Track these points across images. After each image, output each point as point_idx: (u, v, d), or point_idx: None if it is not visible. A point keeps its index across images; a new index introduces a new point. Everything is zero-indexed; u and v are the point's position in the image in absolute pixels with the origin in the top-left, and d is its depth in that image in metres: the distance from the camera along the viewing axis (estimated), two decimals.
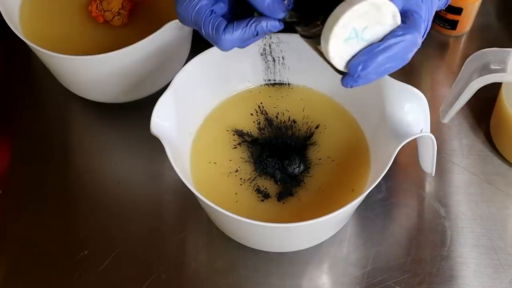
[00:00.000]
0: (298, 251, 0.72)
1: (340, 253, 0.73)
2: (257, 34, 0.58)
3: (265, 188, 0.71)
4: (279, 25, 0.57)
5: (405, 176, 0.78)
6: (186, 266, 0.73)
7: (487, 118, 0.81)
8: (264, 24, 0.57)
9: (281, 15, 0.57)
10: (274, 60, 0.75)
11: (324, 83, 0.76)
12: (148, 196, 0.77)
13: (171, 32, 0.74)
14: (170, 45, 0.77)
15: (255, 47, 0.73)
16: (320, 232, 0.71)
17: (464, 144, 0.80)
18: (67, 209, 0.77)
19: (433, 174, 0.73)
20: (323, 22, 0.52)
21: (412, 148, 0.75)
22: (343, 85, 0.55)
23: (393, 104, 0.66)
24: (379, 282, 0.71)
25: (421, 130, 0.65)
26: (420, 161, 0.73)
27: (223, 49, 0.59)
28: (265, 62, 0.75)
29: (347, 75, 0.54)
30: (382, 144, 0.68)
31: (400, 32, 0.52)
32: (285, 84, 0.77)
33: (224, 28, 0.58)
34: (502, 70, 0.69)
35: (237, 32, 0.57)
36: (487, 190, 0.77)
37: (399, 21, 0.53)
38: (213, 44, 0.60)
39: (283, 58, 0.74)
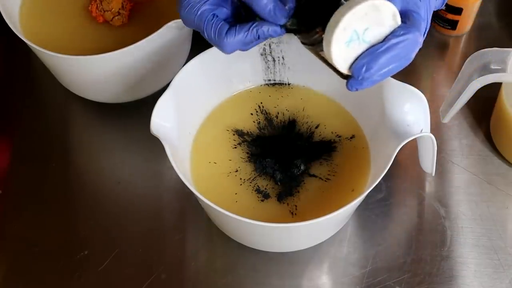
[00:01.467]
0: (298, 251, 0.72)
1: (340, 253, 0.73)
2: (258, 38, 0.59)
3: (265, 188, 0.71)
4: (280, 31, 0.58)
5: (405, 176, 0.78)
6: (186, 266, 0.73)
7: (487, 118, 0.81)
8: (265, 29, 0.58)
9: (282, 21, 0.57)
10: (274, 60, 0.75)
11: (324, 83, 0.76)
12: (148, 196, 0.77)
13: (171, 32, 0.74)
14: (170, 45, 0.77)
15: (255, 47, 0.73)
16: (320, 232, 0.71)
17: (464, 144, 0.80)
18: (67, 209, 0.77)
19: (433, 174, 0.73)
20: (324, 29, 0.52)
21: (412, 148, 0.75)
22: (348, 88, 0.55)
23: (393, 104, 0.66)
24: (379, 282, 0.71)
25: (421, 130, 0.65)
26: (420, 161, 0.73)
27: (226, 52, 0.60)
28: (265, 62, 0.75)
29: (351, 78, 0.54)
30: (382, 144, 0.68)
31: (401, 32, 0.52)
32: (285, 84, 0.77)
33: (226, 32, 0.58)
34: (502, 70, 0.69)
35: (239, 36, 0.58)
36: (487, 190, 0.77)
37: (399, 21, 0.53)
38: (216, 47, 0.60)
39: (283, 58, 0.74)
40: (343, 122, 0.75)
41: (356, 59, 0.53)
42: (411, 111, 0.66)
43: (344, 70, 0.54)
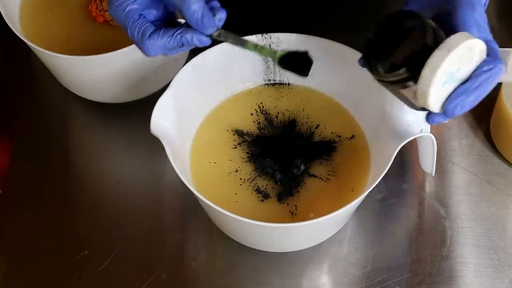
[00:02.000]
0: (298, 251, 0.72)
1: (340, 253, 0.73)
2: (182, 45, 0.58)
3: (265, 188, 0.71)
4: (206, 40, 0.58)
5: (405, 176, 0.78)
6: (186, 266, 0.73)
7: (487, 118, 0.81)
8: (190, 36, 0.57)
9: (209, 31, 0.57)
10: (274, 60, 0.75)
11: (324, 83, 0.76)
12: (148, 196, 0.77)
13: None
14: None
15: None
16: (320, 232, 0.71)
17: (464, 144, 0.80)
18: (67, 209, 0.77)
19: (433, 174, 0.73)
20: (410, 68, 0.53)
21: (412, 148, 0.75)
22: (429, 123, 0.56)
23: (393, 104, 0.66)
24: (379, 282, 0.71)
25: (421, 130, 0.65)
26: (420, 161, 0.73)
27: (148, 55, 0.59)
28: (265, 62, 0.75)
29: (436, 114, 0.55)
30: (382, 144, 0.68)
31: (489, 67, 0.53)
32: (285, 84, 0.77)
33: (150, 34, 0.57)
34: None
35: (162, 40, 0.57)
36: (487, 190, 0.77)
37: (485, 56, 0.54)
38: (139, 49, 0.59)
39: None
40: (343, 122, 0.75)
41: (448, 97, 0.53)
42: (411, 111, 0.66)
43: (436, 110, 0.54)
